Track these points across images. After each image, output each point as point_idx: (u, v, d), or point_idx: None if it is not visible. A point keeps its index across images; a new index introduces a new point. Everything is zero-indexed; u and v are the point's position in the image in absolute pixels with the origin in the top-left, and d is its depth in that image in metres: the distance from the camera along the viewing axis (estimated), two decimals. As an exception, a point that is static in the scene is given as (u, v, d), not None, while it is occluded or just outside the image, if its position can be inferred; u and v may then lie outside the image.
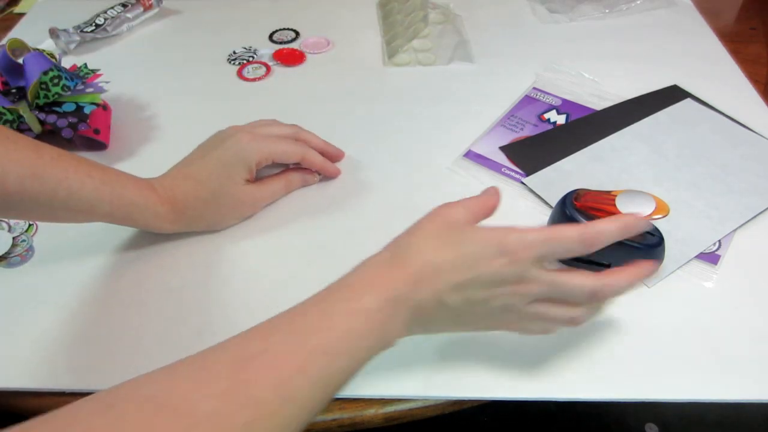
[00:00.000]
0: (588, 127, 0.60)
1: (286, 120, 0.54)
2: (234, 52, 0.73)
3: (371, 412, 0.40)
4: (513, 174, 0.56)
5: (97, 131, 0.58)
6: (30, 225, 0.52)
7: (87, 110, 0.57)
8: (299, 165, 0.54)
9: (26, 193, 0.40)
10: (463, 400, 0.41)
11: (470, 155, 0.58)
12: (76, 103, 0.57)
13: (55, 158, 0.41)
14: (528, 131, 0.60)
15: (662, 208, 0.49)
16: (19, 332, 0.44)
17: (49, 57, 0.58)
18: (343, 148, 0.57)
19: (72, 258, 0.49)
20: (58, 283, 0.47)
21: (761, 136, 0.58)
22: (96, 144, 0.59)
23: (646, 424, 1.01)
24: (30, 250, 0.50)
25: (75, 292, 0.46)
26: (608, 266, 0.40)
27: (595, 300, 0.37)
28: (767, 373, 0.41)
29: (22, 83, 0.57)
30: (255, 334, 0.32)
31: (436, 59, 0.71)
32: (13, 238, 0.50)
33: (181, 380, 0.29)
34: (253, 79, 0.69)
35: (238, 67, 0.71)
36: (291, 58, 0.72)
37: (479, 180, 0.55)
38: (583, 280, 0.36)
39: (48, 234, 0.51)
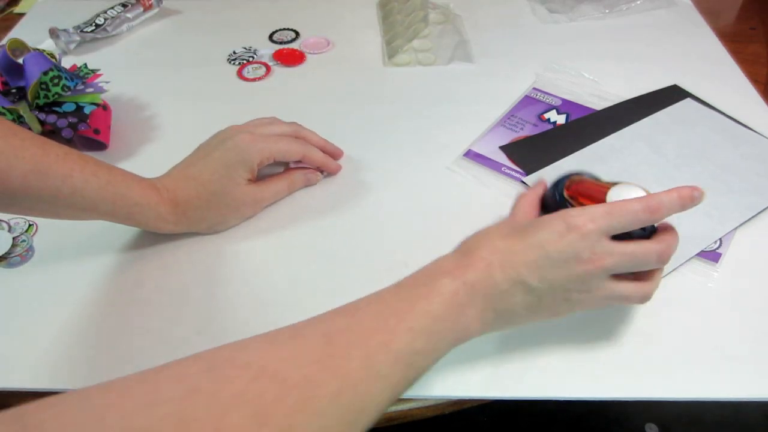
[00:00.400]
0: (588, 127, 0.60)
1: (286, 120, 0.54)
2: (234, 52, 0.73)
3: (371, 411, 0.40)
4: (513, 173, 0.56)
5: (97, 131, 0.58)
6: (30, 225, 0.52)
7: (87, 110, 0.57)
8: (300, 163, 0.54)
9: (30, 190, 0.40)
10: (463, 400, 0.41)
11: (470, 155, 0.58)
12: (76, 103, 0.57)
13: (61, 156, 0.41)
14: (528, 131, 0.60)
15: None
16: (19, 332, 0.44)
17: (49, 57, 0.58)
18: (343, 148, 0.57)
19: (72, 258, 0.49)
20: (58, 283, 0.47)
21: (761, 135, 0.58)
22: (96, 144, 0.59)
23: (646, 424, 1.01)
24: (30, 250, 0.50)
25: (75, 292, 0.46)
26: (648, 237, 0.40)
27: (662, 262, 0.38)
28: (767, 371, 0.41)
29: (22, 83, 0.57)
30: (341, 312, 0.33)
31: (436, 59, 0.71)
32: (13, 238, 0.50)
33: (276, 349, 0.30)
34: (253, 79, 0.69)
35: (238, 67, 0.71)
36: (291, 58, 0.72)
37: (479, 180, 0.55)
38: (650, 244, 0.37)
39: (48, 234, 0.51)
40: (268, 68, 0.70)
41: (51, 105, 0.56)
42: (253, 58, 0.72)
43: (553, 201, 0.43)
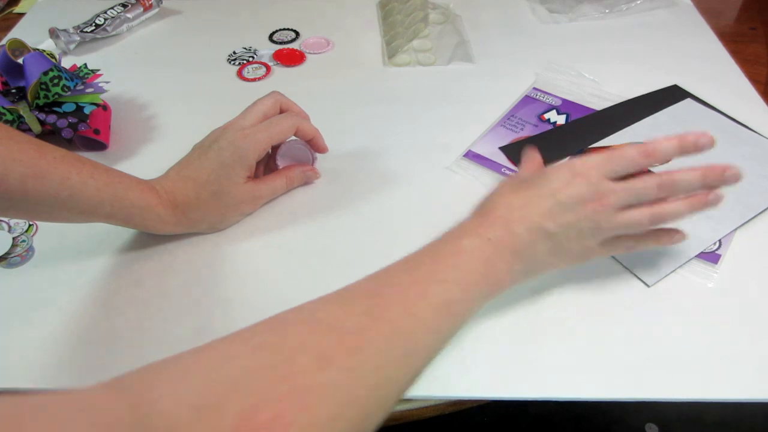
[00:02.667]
0: (588, 127, 0.60)
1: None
2: (234, 52, 0.73)
3: (371, 412, 0.40)
4: (513, 174, 0.56)
5: (97, 131, 0.58)
6: (30, 225, 0.52)
7: (87, 110, 0.57)
8: (298, 160, 0.54)
9: (28, 193, 0.40)
10: (463, 400, 0.41)
11: (470, 155, 0.58)
12: (76, 103, 0.57)
13: (58, 158, 0.41)
14: (528, 131, 0.60)
15: None
16: (18, 332, 0.44)
17: (49, 57, 0.58)
18: (343, 147, 0.57)
19: (72, 258, 0.49)
20: (58, 283, 0.47)
21: (761, 136, 0.58)
22: (96, 144, 0.59)
23: (646, 424, 1.01)
24: (30, 250, 0.50)
25: (75, 292, 0.46)
26: None
27: (663, 191, 0.41)
28: (767, 372, 0.41)
29: (22, 83, 0.57)
30: (377, 275, 0.36)
31: (436, 59, 0.71)
32: (13, 238, 0.50)
33: (326, 307, 0.34)
34: (253, 80, 0.69)
35: (238, 67, 0.71)
36: (291, 58, 0.72)
37: (479, 180, 0.55)
38: (648, 176, 0.40)
39: (48, 234, 0.51)
40: (268, 68, 0.70)
41: (51, 105, 0.56)
42: (253, 58, 0.72)
43: None
